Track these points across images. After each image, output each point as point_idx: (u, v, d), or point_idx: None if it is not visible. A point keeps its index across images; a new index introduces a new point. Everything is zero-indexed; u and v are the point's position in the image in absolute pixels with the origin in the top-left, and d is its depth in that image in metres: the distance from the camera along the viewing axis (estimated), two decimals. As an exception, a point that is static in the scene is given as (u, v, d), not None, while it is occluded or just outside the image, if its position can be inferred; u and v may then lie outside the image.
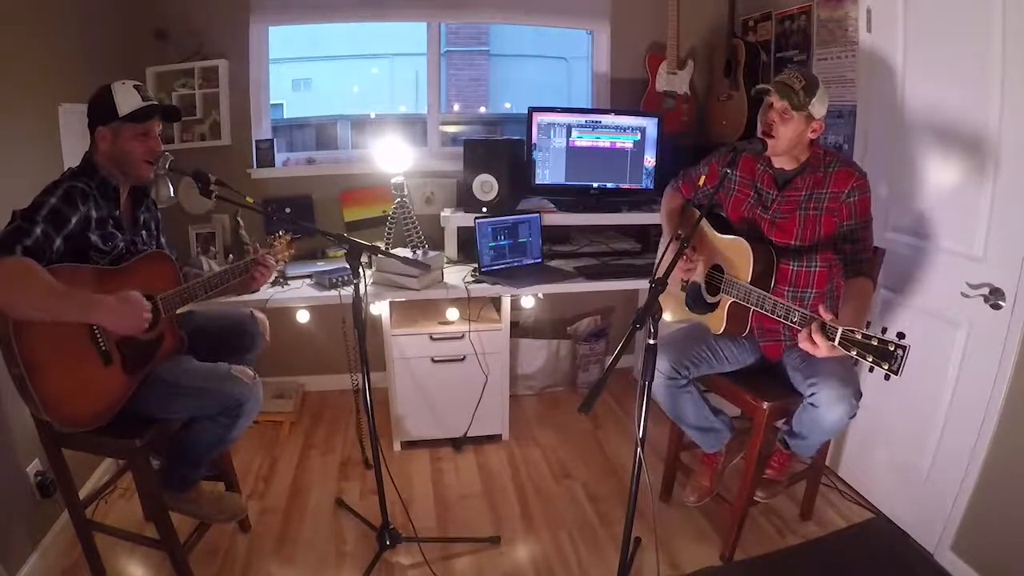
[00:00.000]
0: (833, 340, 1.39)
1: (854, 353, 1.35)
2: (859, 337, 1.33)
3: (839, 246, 1.76)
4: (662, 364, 1.81)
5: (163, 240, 1.83)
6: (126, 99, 1.57)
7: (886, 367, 1.28)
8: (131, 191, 1.69)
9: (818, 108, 1.68)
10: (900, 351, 1.26)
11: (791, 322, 1.55)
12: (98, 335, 1.52)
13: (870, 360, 1.31)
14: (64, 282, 1.40)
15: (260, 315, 1.99)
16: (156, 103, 1.63)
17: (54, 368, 1.44)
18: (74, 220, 1.48)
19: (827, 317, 1.41)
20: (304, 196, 2.90)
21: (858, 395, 1.67)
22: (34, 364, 1.41)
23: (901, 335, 1.28)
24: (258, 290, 2.35)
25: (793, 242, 1.79)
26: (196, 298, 1.71)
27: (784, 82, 1.68)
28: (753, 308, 1.70)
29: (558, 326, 3.20)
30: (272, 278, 2.23)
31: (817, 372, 1.70)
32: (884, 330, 1.32)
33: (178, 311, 1.73)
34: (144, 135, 1.61)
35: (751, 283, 1.71)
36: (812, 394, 1.69)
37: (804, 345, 1.46)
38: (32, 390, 1.41)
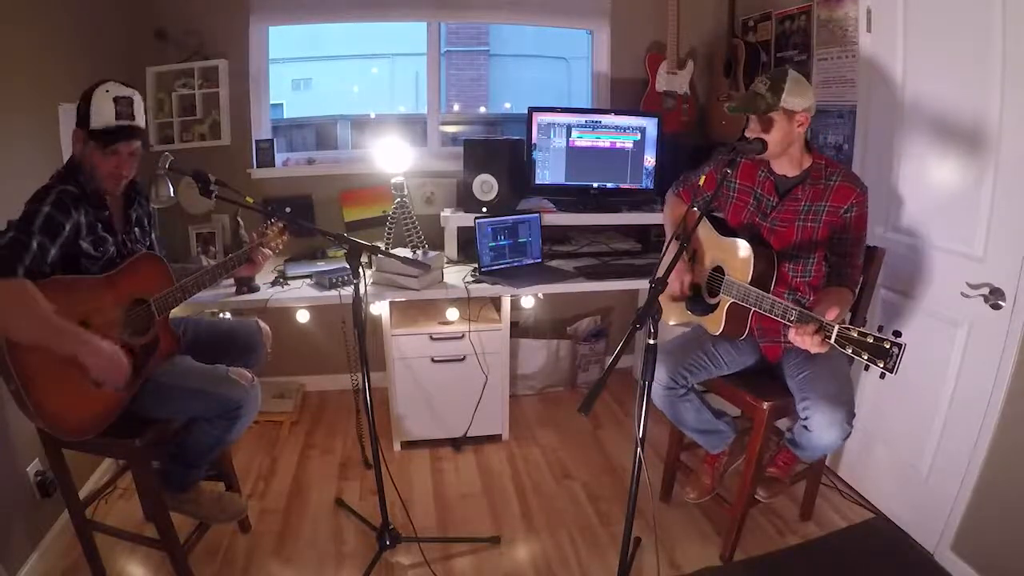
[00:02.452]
0: (830, 338, 1.39)
1: (849, 351, 1.34)
2: (855, 335, 1.33)
3: (827, 255, 1.77)
4: (660, 374, 1.81)
5: (155, 236, 1.80)
6: (100, 110, 1.50)
7: (881, 365, 1.27)
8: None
9: (794, 100, 1.65)
10: (896, 349, 1.25)
11: (789, 321, 1.55)
12: None
13: (865, 358, 1.30)
14: (58, 296, 1.39)
15: (264, 326, 1.98)
16: (126, 125, 1.52)
17: (50, 380, 1.43)
18: (68, 227, 1.45)
19: (828, 317, 1.41)
20: (304, 196, 2.90)
21: (851, 417, 1.66)
22: (30, 377, 1.40)
23: (897, 333, 1.28)
24: (258, 288, 2.36)
25: (790, 251, 1.80)
26: (189, 296, 1.71)
27: (747, 97, 1.71)
28: (752, 308, 1.70)
29: (558, 326, 3.20)
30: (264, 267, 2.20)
31: (810, 394, 1.70)
32: (880, 328, 1.31)
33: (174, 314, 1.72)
34: (114, 153, 1.53)
35: (751, 284, 1.71)
36: (806, 418, 1.69)
37: (796, 339, 1.46)
38: (29, 403, 1.40)
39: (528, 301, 2.92)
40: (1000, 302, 1.71)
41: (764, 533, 2.13)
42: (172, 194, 2.15)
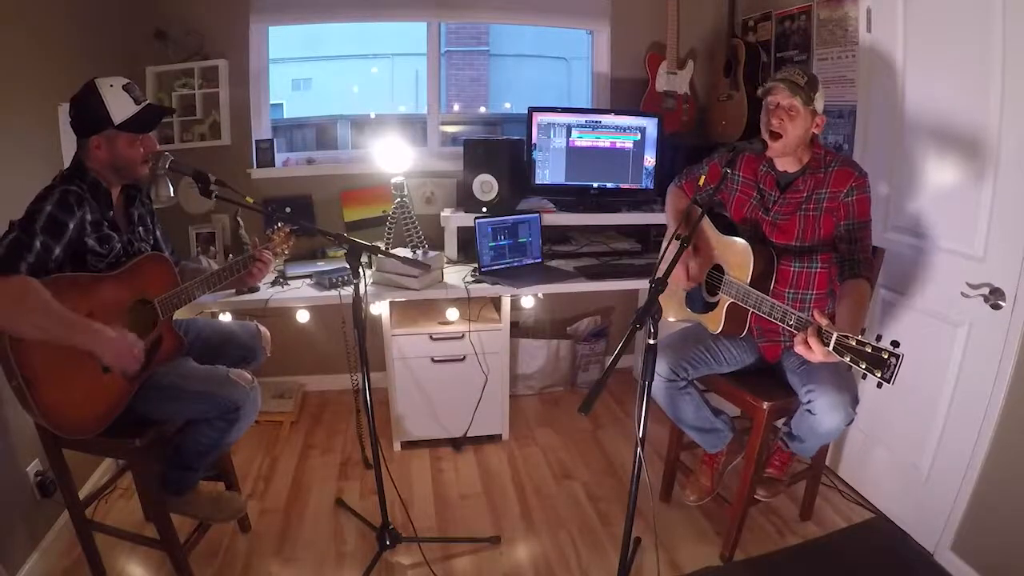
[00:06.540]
0: (828, 345, 1.39)
1: (847, 359, 1.34)
2: (853, 343, 1.32)
3: (836, 245, 1.76)
4: (660, 366, 1.81)
5: (159, 233, 1.80)
6: (120, 106, 1.54)
7: (879, 375, 1.27)
8: (123, 188, 1.67)
9: (820, 103, 1.71)
10: (893, 359, 1.25)
11: (787, 325, 1.54)
12: None
13: (863, 367, 1.30)
14: (62, 293, 1.39)
15: (263, 329, 1.98)
16: (150, 104, 1.60)
17: (53, 378, 1.43)
18: (71, 226, 1.46)
19: (823, 322, 1.40)
20: (304, 196, 2.90)
21: (855, 402, 1.67)
22: (33, 375, 1.40)
23: (896, 343, 1.27)
24: (258, 288, 2.36)
25: (794, 243, 1.80)
26: (194, 298, 1.71)
27: (790, 79, 1.69)
28: (751, 310, 1.70)
29: (558, 326, 3.20)
30: (271, 270, 2.21)
31: (814, 379, 1.70)
32: (879, 337, 1.31)
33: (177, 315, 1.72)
34: (142, 137, 1.59)
35: (750, 284, 1.71)
36: (809, 401, 1.69)
37: (799, 349, 1.46)
38: (32, 401, 1.40)
39: (528, 301, 2.92)
40: (1000, 302, 1.71)
41: (764, 533, 2.13)
42: (172, 194, 2.15)
